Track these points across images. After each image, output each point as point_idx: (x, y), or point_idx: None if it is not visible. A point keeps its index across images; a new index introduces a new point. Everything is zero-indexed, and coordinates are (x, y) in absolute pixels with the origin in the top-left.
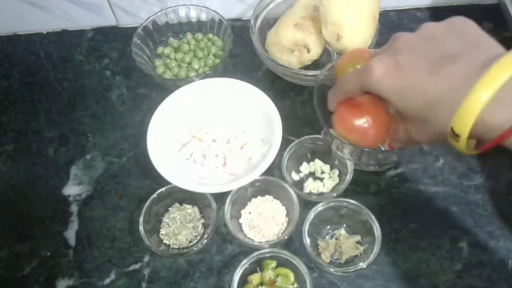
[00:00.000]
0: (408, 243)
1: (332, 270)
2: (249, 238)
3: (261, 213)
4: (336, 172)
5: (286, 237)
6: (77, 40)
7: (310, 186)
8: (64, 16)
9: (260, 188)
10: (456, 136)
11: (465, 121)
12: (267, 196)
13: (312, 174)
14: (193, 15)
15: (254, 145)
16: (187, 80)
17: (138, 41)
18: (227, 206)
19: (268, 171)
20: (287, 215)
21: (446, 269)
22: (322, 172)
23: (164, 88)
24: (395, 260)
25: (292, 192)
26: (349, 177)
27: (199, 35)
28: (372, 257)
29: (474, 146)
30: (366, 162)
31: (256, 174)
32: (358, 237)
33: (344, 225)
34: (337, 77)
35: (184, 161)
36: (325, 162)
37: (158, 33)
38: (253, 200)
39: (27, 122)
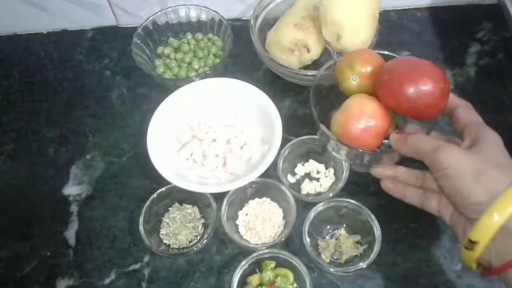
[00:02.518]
0: (408, 243)
1: (332, 270)
2: (245, 240)
3: (258, 215)
4: (332, 170)
5: (282, 239)
6: (77, 40)
7: (308, 187)
8: (64, 16)
9: (257, 190)
10: (472, 243)
11: (483, 232)
12: (264, 198)
13: (308, 175)
14: (193, 15)
15: (254, 145)
16: (187, 80)
17: (138, 41)
18: (224, 207)
19: (266, 173)
20: (284, 217)
21: (446, 269)
22: (318, 172)
23: (164, 88)
24: (395, 260)
25: (289, 194)
26: (345, 174)
27: (199, 35)
28: (372, 257)
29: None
30: (360, 163)
31: (256, 174)
32: (358, 237)
33: (344, 225)
34: (337, 78)
35: (184, 161)
36: (319, 162)
37: (158, 33)
38: (250, 202)
39: (27, 122)
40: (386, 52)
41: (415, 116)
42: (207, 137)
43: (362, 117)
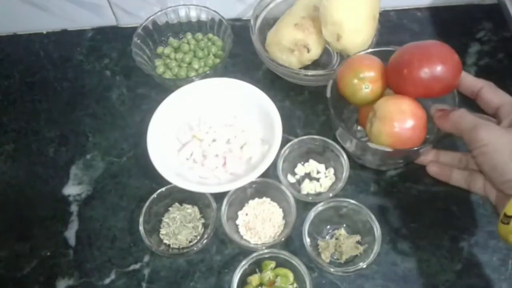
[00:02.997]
0: (408, 243)
1: (332, 270)
2: (245, 240)
3: (258, 215)
4: (332, 170)
5: (282, 239)
6: (77, 40)
7: (307, 187)
8: (64, 16)
9: (257, 190)
10: (508, 218)
11: None
12: (264, 198)
13: (308, 175)
14: (193, 15)
15: (254, 145)
16: (187, 80)
17: (138, 41)
18: (224, 207)
19: (266, 173)
20: (284, 217)
21: (446, 269)
22: (318, 172)
23: (164, 88)
24: (395, 260)
25: (289, 194)
26: (345, 174)
27: (199, 35)
28: (372, 257)
29: None
30: (393, 162)
31: (256, 174)
32: (358, 237)
33: (344, 225)
34: (345, 93)
35: (184, 161)
36: (319, 162)
37: (158, 33)
38: (250, 202)
39: (27, 122)
40: (388, 48)
41: (432, 95)
42: (207, 137)
43: (406, 117)
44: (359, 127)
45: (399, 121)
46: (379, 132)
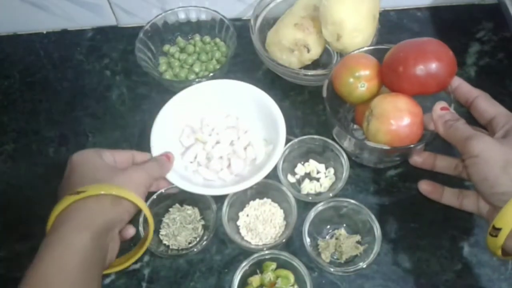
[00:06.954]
0: (408, 243)
1: (332, 270)
2: (246, 240)
3: (258, 216)
4: (332, 170)
5: (283, 240)
6: (77, 40)
7: (308, 187)
8: (64, 16)
9: (258, 191)
10: (496, 230)
11: (507, 219)
12: (265, 199)
13: (308, 175)
14: (203, 17)
15: (257, 146)
16: (185, 82)
17: (144, 38)
18: (225, 208)
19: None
20: (285, 218)
21: (446, 269)
22: (318, 172)
23: (164, 88)
24: (395, 260)
25: (290, 195)
26: (345, 174)
27: (207, 38)
28: (372, 257)
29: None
30: (390, 160)
31: (263, 175)
32: (358, 237)
33: (344, 225)
34: (341, 92)
35: (188, 165)
36: (319, 162)
37: (167, 31)
38: (251, 202)
39: (27, 122)
40: (383, 46)
41: (428, 92)
42: (210, 140)
43: (402, 115)
44: (355, 126)
45: (396, 119)
46: (377, 130)
